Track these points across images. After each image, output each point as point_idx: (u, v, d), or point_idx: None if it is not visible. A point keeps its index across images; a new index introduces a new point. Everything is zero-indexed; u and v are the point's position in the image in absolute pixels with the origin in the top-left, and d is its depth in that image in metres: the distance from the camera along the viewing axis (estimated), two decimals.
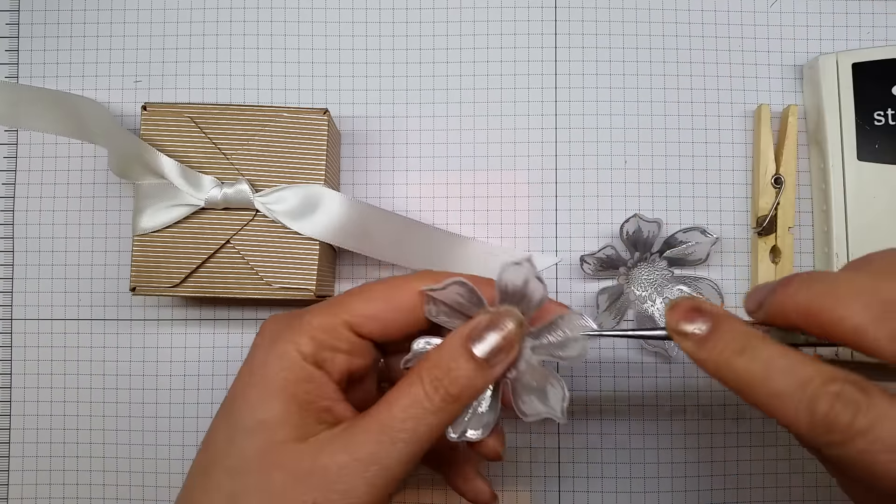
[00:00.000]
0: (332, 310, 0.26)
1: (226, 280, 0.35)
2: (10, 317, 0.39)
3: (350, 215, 0.35)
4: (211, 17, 0.40)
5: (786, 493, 0.38)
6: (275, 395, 0.25)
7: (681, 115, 0.39)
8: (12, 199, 0.39)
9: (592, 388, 0.38)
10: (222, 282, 0.35)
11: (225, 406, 0.26)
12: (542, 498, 0.38)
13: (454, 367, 0.25)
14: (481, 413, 0.26)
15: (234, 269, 0.35)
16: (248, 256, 0.34)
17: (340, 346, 0.26)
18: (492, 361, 0.25)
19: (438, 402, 0.24)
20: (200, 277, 0.35)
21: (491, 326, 0.25)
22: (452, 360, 0.25)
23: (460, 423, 0.26)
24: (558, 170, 0.39)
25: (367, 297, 0.26)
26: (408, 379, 0.25)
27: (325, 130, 0.34)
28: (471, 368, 0.25)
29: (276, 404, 0.24)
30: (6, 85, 0.35)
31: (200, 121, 0.35)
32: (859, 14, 0.40)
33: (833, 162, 0.37)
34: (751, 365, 0.22)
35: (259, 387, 0.25)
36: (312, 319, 0.26)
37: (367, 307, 0.26)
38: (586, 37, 0.39)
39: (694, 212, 0.39)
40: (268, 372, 0.25)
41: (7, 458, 0.38)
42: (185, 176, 0.34)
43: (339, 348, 0.26)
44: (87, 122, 0.34)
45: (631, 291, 0.38)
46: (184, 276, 0.34)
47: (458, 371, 0.24)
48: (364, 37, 0.40)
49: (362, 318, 0.26)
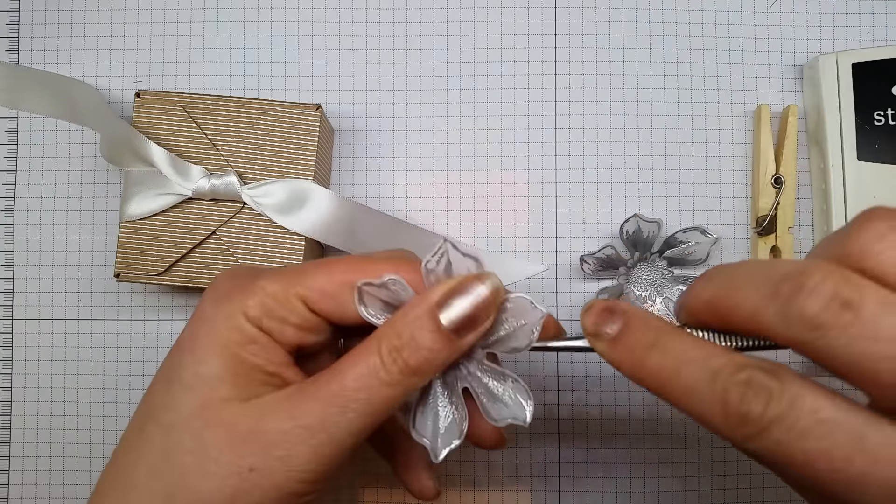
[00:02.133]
0: (288, 279, 0.24)
1: (210, 271, 0.35)
2: (11, 317, 0.39)
3: (338, 213, 0.35)
4: (211, 17, 0.40)
5: (786, 494, 0.38)
6: (218, 352, 0.23)
7: (681, 115, 0.39)
8: (13, 199, 0.39)
9: (592, 387, 0.38)
10: (207, 272, 0.35)
11: (166, 361, 0.24)
12: (542, 498, 0.38)
13: (418, 336, 0.22)
14: (449, 424, 0.25)
15: (218, 260, 0.35)
16: (233, 248, 0.34)
17: (290, 318, 0.24)
18: (461, 333, 0.23)
19: (396, 375, 0.22)
20: (185, 267, 0.35)
21: (461, 291, 0.23)
22: (417, 329, 0.22)
23: (437, 447, 0.24)
24: (558, 170, 0.39)
25: (327, 272, 0.24)
26: (365, 345, 0.23)
27: (316, 126, 0.35)
28: (436, 340, 0.22)
29: (220, 361, 0.23)
30: (2, 64, 0.35)
31: (193, 110, 0.35)
32: (859, 14, 0.40)
33: (833, 162, 0.37)
34: (662, 360, 0.20)
35: (203, 342, 0.23)
36: (267, 285, 0.24)
37: (326, 283, 0.24)
38: (586, 37, 0.40)
39: (694, 212, 0.39)
40: (212, 329, 0.23)
41: (7, 457, 0.38)
42: (174, 165, 0.34)
43: (289, 321, 0.24)
44: (79, 104, 0.34)
45: (631, 291, 0.38)
46: (168, 264, 0.34)
47: (421, 341, 0.22)
48: (364, 36, 0.40)
49: (318, 294, 0.24)
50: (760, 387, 0.18)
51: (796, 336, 0.18)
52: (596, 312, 0.23)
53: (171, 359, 0.24)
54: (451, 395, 0.25)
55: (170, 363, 0.24)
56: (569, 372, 0.38)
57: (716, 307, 0.21)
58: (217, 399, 0.23)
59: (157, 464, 0.23)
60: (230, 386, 0.23)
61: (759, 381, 0.18)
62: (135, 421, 0.24)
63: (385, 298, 0.24)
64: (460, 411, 0.25)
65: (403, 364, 0.22)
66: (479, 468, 0.38)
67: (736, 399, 0.18)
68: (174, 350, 0.24)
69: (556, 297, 0.39)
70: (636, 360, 0.21)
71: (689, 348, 0.20)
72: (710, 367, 0.19)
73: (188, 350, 0.24)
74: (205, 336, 0.24)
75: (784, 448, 0.18)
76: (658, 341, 0.21)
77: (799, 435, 0.18)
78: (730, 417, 0.19)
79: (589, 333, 0.23)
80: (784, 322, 0.18)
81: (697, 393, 0.19)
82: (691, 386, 0.20)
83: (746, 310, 0.20)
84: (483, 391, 0.25)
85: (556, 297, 0.39)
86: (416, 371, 0.22)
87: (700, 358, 0.20)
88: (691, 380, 0.20)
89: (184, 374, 0.23)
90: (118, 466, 0.24)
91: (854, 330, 0.17)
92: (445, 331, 0.22)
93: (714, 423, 0.19)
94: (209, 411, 0.22)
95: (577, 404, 0.38)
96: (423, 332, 0.22)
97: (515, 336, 0.24)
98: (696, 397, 0.19)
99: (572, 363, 0.38)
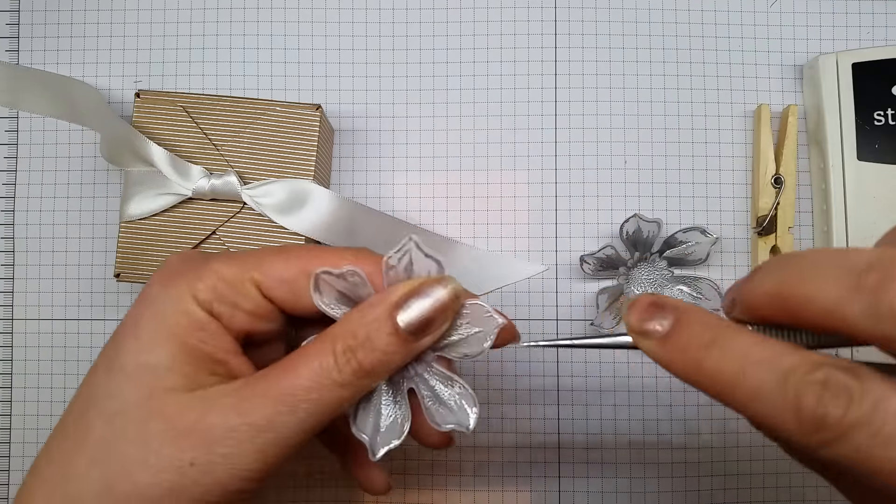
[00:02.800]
0: (242, 262, 0.23)
1: None
2: (11, 317, 0.39)
3: (338, 213, 0.35)
4: (211, 17, 0.40)
5: (786, 494, 0.38)
6: (164, 339, 0.22)
7: (681, 115, 0.39)
8: (13, 199, 0.39)
9: (592, 387, 0.38)
10: None
11: (109, 345, 0.23)
12: (542, 498, 0.38)
13: (374, 337, 0.22)
14: (390, 423, 0.24)
15: None
16: (233, 248, 0.34)
17: (242, 304, 0.23)
18: (417, 335, 0.22)
19: (349, 375, 0.22)
20: None
21: (420, 294, 0.22)
22: (373, 330, 0.22)
23: (375, 445, 0.24)
24: (558, 170, 0.39)
25: (284, 259, 0.24)
26: (318, 343, 0.22)
27: (316, 126, 0.35)
28: (391, 342, 0.22)
29: (165, 349, 0.22)
30: (2, 64, 0.35)
31: (193, 110, 0.35)
32: (859, 14, 0.40)
33: (833, 162, 0.37)
34: (722, 361, 0.19)
35: (148, 328, 0.23)
36: (219, 267, 0.23)
37: (282, 269, 0.23)
38: (586, 37, 0.40)
39: (694, 212, 0.39)
40: (159, 312, 0.23)
41: (7, 457, 0.38)
42: (174, 165, 0.34)
43: (241, 306, 0.23)
44: (79, 104, 0.34)
45: (631, 291, 0.38)
46: None
47: (376, 343, 0.22)
48: (364, 36, 0.40)
49: (273, 281, 0.23)
50: (839, 388, 0.16)
51: (888, 333, 0.16)
52: (642, 307, 0.21)
53: (114, 343, 0.23)
54: (396, 394, 0.25)
55: (113, 348, 0.23)
56: (569, 372, 0.38)
57: (783, 301, 0.19)
58: (161, 389, 0.22)
59: (97, 453, 0.22)
60: (176, 375, 0.22)
61: (837, 382, 0.17)
62: (74, 407, 0.23)
63: (342, 289, 0.23)
64: (403, 411, 0.24)
65: (357, 365, 0.22)
66: (479, 468, 0.38)
67: (811, 402, 0.17)
68: (117, 333, 0.23)
69: (556, 297, 0.39)
70: (691, 360, 0.19)
71: (753, 346, 0.18)
72: (780, 366, 0.18)
73: (132, 335, 0.23)
74: (150, 320, 0.23)
75: (865, 455, 0.16)
76: (717, 339, 0.19)
77: (884, 441, 0.16)
78: (804, 422, 0.17)
79: (634, 331, 0.21)
80: (872, 317, 0.16)
81: (766, 396, 0.18)
82: (758, 388, 0.18)
83: (823, 303, 0.18)
84: (429, 394, 0.24)
85: (556, 297, 0.39)
86: (369, 373, 0.22)
87: (768, 357, 0.18)
88: (758, 381, 0.18)
89: (127, 362, 0.22)
90: (55, 453, 0.23)
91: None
92: (402, 333, 0.22)
93: (785, 429, 0.17)
94: (153, 401, 0.22)
95: (577, 404, 0.38)
96: (380, 333, 0.22)
97: (468, 342, 0.24)
98: (764, 401, 0.18)
99: (572, 363, 0.38)
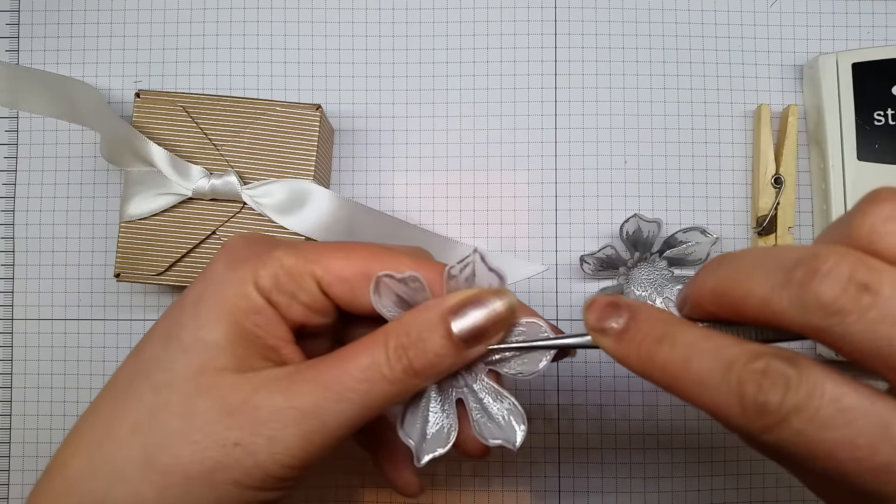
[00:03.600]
0: (305, 255, 0.24)
1: None
2: (11, 317, 0.39)
3: (338, 213, 0.35)
4: (211, 17, 0.40)
5: (786, 493, 0.38)
6: (223, 317, 0.23)
7: (681, 115, 0.39)
8: (13, 199, 0.39)
9: (592, 387, 0.38)
10: None
11: (168, 317, 0.24)
12: (542, 498, 0.38)
13: (426, 338, 0.22)
14: (437, 431, 0.24)
15: None
16: None
17: (300, 296, 0.24)
18: (470, 343, 0.23)
19: (399, 373, 0.22)
20: (185, 267, 0.35)
21: (477, 303, 0.23)
22: (426, 331, 0.22)
23: (421, 451, 0.24)
24: (558, 170, 0.39)
25: (345, 257, 0.24)
26: (372, 337, 0.23)
27: (316, 126, 0.35)
28: (443, 346, 0.22)
29: (222, 327, 0.23)
30: (2, 64, 0.35)
31: (193, 110, 0.35)
32: (859, 14, 0.40)
33: (833, 162, 0.37)
34: (672, 353, 0.19)
35: (208, 306, 0.23)
36: (283, 257, 0.24)
37: (343, 268, 0.24)
38: (586, 37, 0.40)
39: (694, 212, 0.39)
40: (220, 292, 0.23)
41: (7, 457, 0.38)
42: (174, 165, 0.34)
43: (298, 298, 0.24)
44: (79, 104, 0.34)
45: (631, 291, 0.38)
46: (168, 264, 0.35)
47: (428, 344, 0.22)
48: (364, 36, 0.40)
49: (333, 278, 0.24)
50: (778, 375, 0.17)
51: (813, 323, 0.17)
52: (599, 307, 0.22)
53: (173, 316, 0.24)
54: (445, 402, 0.25)
55: (171, 320, 0.23)
56: (568, 372, 0.38)
57: (723, 297, 0.20)
58: (213, 366, 0.22)
59: (141, 420, 0.22)
60: (228, 355, 0.22)
61: (776, 370, 0.17)
62: (124, 371, 0.24)
63: (401, 294, 0.24)
64: (451, 420, 0.25)
65: (408, 363, 0.22)
66: (479, 468, 0.38)
67: (753, 389, 0.17)
68: (177, 306, 0.24)
69: (556, 297, 0.39)
70: (644, 354, 0.20)
71: (699, 340, 0.19)
72: (723, 357, 0.18)
73: (191, 311, 0.23)
74: (212, 298, 0.23)
75: (805, 439, 0.17)
76: (667, 334, 0.20)
77: (821, 425, 0.17)
78: (746, 409, 0.18)
79: (593, 329, 0.22)
80: (799, 309, 0.17)
81: (711, 385, 0.18)
82: (704, 378, 0.19)
83: (757, 298, 0.18)
84: (477, 407, 0.25)
85: (556, 297, 0.39)
86: (418, 373, 0.22)
87: (712, 348, 0.19)
88: (704, 371, 0.19)
89: (184, 335, 0.23)
90: (100, 415, 0.23)
91: (873, 314, 0.16)
92: (455, 338, 0.22)
93: (729, 416, 0.18)
94: (203, 378, 0.22)
95: (576, 404, 0.38)
96: (433, 335, 0.22)
97: (523, 360, 0.24)
98: (709, 390, 0.18)
99: (572, 363, 0.38)
